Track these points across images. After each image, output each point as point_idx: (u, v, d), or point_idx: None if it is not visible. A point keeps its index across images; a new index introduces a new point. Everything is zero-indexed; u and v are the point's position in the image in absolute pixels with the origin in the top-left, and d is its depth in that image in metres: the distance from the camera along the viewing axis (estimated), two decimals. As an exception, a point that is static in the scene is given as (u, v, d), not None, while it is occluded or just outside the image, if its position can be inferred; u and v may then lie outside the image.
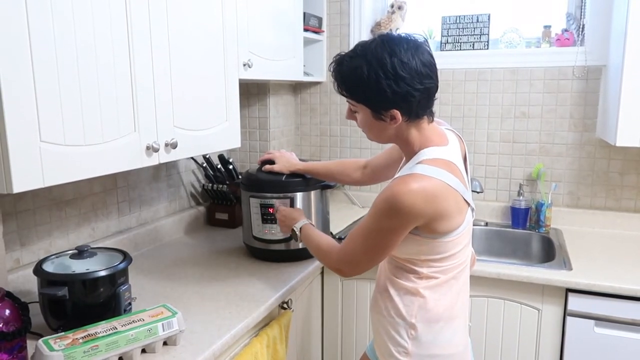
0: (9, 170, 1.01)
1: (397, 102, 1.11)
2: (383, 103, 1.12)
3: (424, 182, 1.08)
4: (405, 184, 1.08)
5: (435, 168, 1.11)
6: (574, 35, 2.18)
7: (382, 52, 1.10)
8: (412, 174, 1.10)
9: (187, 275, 1.65)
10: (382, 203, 1.11)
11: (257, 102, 2.40)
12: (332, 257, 1.28)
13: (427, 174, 1.09)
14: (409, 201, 1.07)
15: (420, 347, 1.20)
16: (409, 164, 1.17)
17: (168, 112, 1.43)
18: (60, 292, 1.18)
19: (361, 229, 1.19)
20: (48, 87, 1.07)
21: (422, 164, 1.12)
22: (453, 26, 2.34)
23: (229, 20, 1.66)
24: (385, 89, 1.09)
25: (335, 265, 1.27)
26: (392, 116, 1.14)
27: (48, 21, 1.06)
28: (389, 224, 1.12)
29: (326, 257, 1.31)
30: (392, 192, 1.09)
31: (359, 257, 1.21)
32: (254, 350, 1.36)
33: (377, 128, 1.19)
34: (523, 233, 2.20)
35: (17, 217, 1.45)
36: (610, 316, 1.62)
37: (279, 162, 1.74)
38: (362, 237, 1.18)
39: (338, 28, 2.51)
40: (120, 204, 1.82)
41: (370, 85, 1.10)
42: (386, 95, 1.10)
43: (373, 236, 1.16)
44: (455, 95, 2.34)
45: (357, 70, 1.11)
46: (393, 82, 1.09)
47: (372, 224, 1.15)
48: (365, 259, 1.20)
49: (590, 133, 2.17)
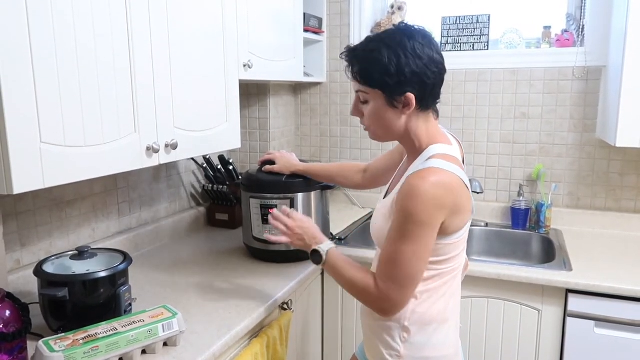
0: (9, 171, 1.01)
1: (414, 83, 1.11)
2: (400, 85, 1.10)
3: (441, 174, 1.08)
4: (424, 178, 1.06)
5: (448, 163, 1.11)
6: (574, 36, 2.18)
7: (401, 36, 1.12)
8: (428, 167, 1.09)
9: (187, 276, 1.66)
10: (407, 202, 1.07)
11: (257, 103, 2.40)
12: (372, 292, 1.14)
13: (443, 168, 1.09)
14: (432, 193, 1.05)
15: (412, 350, 1.19)
16: (417, 160, 1.16)
17: (168, 112, 1.43)
18: (60, 293, 1.18)
19: (393, 245, 1.10)
20: (48, 88, 1.08)
21: (435, 159, 1.11)
22: (453, 27, 2.34)
23: (229, 21, 1.66)
24: (404, 68, 1.09)
25: (377, 304, 1.14)
26: (405, 102, 1.12)
27: (48, 22, 1.07)
28: (421, 220, 1.06)
29: (363, 293, 1.16)
30: (413, 188, 1.06)
31: (401, 281, 1.10)
32: (254, 351, 1.36)
33: (388, 118, 1.15)
34: (523, 234, 2.20)
35: (18, 217, 1.45)
36: (611, 317, 1.62)
37: (279, 162, 1.74)
38: (399, 254, 1.09)
39: (338, 29, 2.52)
40: (120, 204, 1.82)
41: (389, 65, 1.09)
42: (404, 75, 1.10)
43: (410, 247, 1.08)
44: (456, 95, 2.34)
45: (374, 52, 1.11)
46: (412, 61, 1.10)
47: (405, 231, 1.08)
48: (409, 279, 1.11)
49: (590, 134, 2.17)
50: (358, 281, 1.17)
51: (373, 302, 1.15)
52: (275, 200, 1.71)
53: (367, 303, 1.18)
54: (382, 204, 1.23)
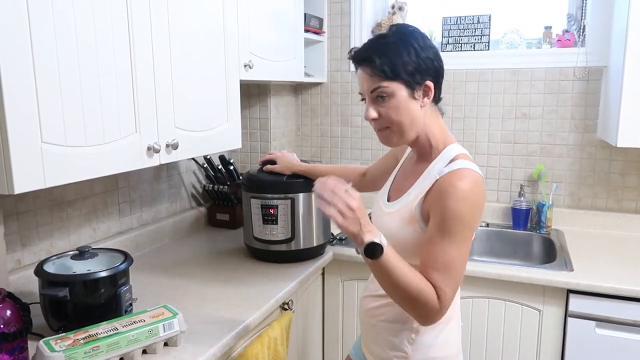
0: (10, 171, 1.01)
1: (431, 71, 1.13)
2: (420, 73, 1.11)
3: (474, 175, 1.09)
4: (464, 179, 1.07)
5: (473, 163, 1.12)
6: (574, 36, 2.18)
7: (412, 29, 1.14)
8: (463, 168, 1.09)
9: (188, 276, 1.65)
10: (453, 204, 1.04)
11: (257, 103, 2.40)
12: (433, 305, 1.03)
13: (472, 168, 1.10)
14: (475, 193, 1.06)
15: (419, 351, 1.19)
16: (438, 161, 1.15)
17: (169, 113, 1.43)
18: (61, 292, 1.18)
19: (446, 250, 1.05)
20: (49, 88, 1.08)
21: (461, 160, 1.12)
22: (454, 27, 2.33)
23: (229, 21, 1.66)
24: (421, 55, 1.11)
25: (432, 314, 1.05)
26: (425, 90, 1.13)
27: (49, 22, 1.07)
28: (469, 222, 1.05)
29: (420, 304, 1.03)
30: (457, 191, 1.05)
31: (455, 287, 1.06)
32: (255, 351, 1.35)
33: (412, 110, 1.13)
34: (524, 234, 2.20)
35: (18, 217, 1.45)
36: (612, 317, 1.62)
37: (280, 162, 1.74)
38: (453, 259, 1.05)
39: (339, 29, 2.52)
40: (121, 204, 1.82)
41: (410, 54, 1.10)
42: (424, 63, 1.11)
43: (461, 249, 1.05)
44: (456, 96, 2.34)
45: (393, 44, 1.11)
46: (426, 50, 1.13)
47: (455, 234, 1.05)
48: (459, 284, 1.08)
49: (591, 134, 2.17)
50: (419, 290, 1.03)
51: (428, 313, 1.04)
52: (276, 201, 1.70)
53: (417, 312, 1.06)
54: (395, 208, 1.19)
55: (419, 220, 1.13)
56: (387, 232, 1.17)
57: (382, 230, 1.18)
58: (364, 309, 1.31)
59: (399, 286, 1.03)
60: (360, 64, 1.15)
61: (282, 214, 1.71)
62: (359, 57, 1.15)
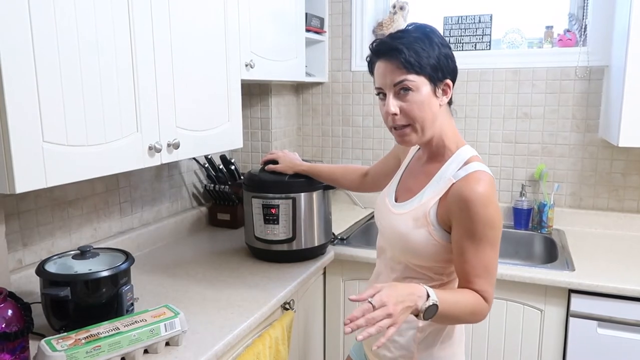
0: (11, 170, 1.01)
1: (450, 70, 1.15)
2: (443, 71, 1.12)
3: (488, 177, 1.10)
4: (485, 184, 1.08)
5: (484, 165, 1.14)
6: (576, 36, 2.18)
7: (431, 27, 1.15)
8: (480, 171, 1.10)
9: (189, 275, 1.65)
10: (484, 210, 1.06)
11: (259, 103, 2.40)
12: (485, 309, 1.11)
13: (486, 170, 1.11)
14: (494, 196, 1.09)
15: (425, 351, 1.19)
16: (451, 162, 1.15)
17: (170, 112, 1.43)
18: (62, 292, 1.18)
19: (481, 254, 1.08)
20: (50, 87, 1.08)
21: (476, 162, 1.13)
22: (455, 26, 2.33)
23: (231, 20, 1.66)
24: (443, 53, 1.12)
25: (489, 311, 1.13)
26: (444, 89, 1.14)
27: (50, 21, 1.07)
28: (497, 224, 1.09)
29: (481, 314, 1.11)
30: (482, 196, 1.06)
31: (494, 286, 1.12)
32: (256, 351, 1.35)
33: (433, 107, 1.13)
34: (525, 234, 2.20)
35: (20, 217, 1.45)
36: (613, 317, 1.61)
37: (282, 162, 1.74)
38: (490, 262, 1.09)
39: (340, 28, 2.51)
40: (122, 204, 1.82)
41: (433, 51, 1.11)
42: (445, 60, 1.13)
43: (495, 250, 1.10)
44: (458, 95, 2.33)
45: (418, 40, 1.10)
46: (447, 49, 1.14)
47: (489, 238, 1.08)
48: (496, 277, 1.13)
49: (592, 133, 2.17)
50: (473, 307, 1.09)
51: (484, 316, 1.12)
52: (277, 200, 1.70)
53: (475, 320, 1.12)
54: (406, 210, 1.18)
55: (434, 223, 1.12)
56: (397, 233, 1.18)
57: (391, 231, 1.20)
58: None
59: (460, 317, 1.08)
60: (385, 55, 1.11)
61: (283, 213, 1.71)
62: (386, 48, 1.11)
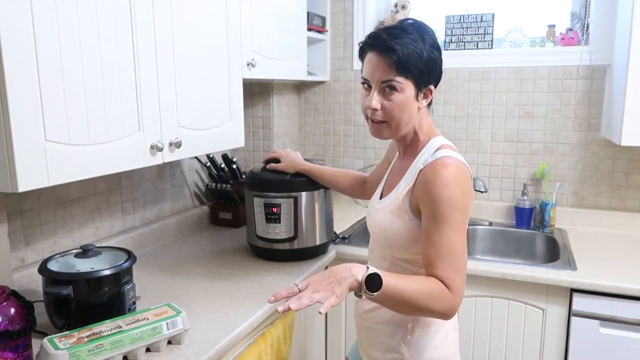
0: (14, 169, 1.01)
1: (436, 76, 1.16)
2: (429, 77, 1.13)
3: (458, 163, 1.10)
4: (449, 165, 1.07)
5: (457, 154, 1.14)
6: (578, 35, 2.17)
7: (427, 29, 1.15)
8: (446, 156, 1.10)
9: (191, 274, 1.66)
10: (442, 190, 1.04)
11: (260, 102, 2.40)
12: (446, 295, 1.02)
13: (456, 157, 1.11)
14: (462, 178, 1.08)
15: (415, 352, 1.19)
16: (424, 153, 1.16)
17: (172, 111, 1.43)
18: (65, 291, 1.18)
19: (442, 237, 1.04)
20: (53, 87, 1.08)
21: (445, 149, 1.13)
22: (457, 25, 2.33)
23: (232, 19, 1.66)
24: (435, 60, 1.13)
25: (451, 305, 1.03)
26: (426, 94, 1.16)
27: (52, 20, 1.07)
28: (461, 205, 1.05)
29: (438, 301, 1.01)
30: (444, 177, 1.05)
31: (462, 271, 1.05)
32: (258, 350, 1.36)
33: (413, 109, 1.14)
34: (527, 233, 2.20)
35: (22, 216, 1.45)
36: (615, 316, 1.61)
37: (284, 161, 1.74)
38: (453, 244, 1.04)
39: (342, 27, 2.51)
40: (124, 203, 1.82)
41: (424, 55, 1.11)
42: (434, 65, 1.13)
43: (457, 233, 1.05)
44: (459, 94, 2.33)
45: (413, 42, 1.10)
46: (438, 53, 1.15)
47: (450, 220, 1.04)
48: (465, 267, 1.07)
49: (594, 133, 2.16)
50: (428, 292, 1.01)
51: (447, 306, 1.02)
52: (279, 199, 1.70)
53: (439, 310, 1.02)
54: (385, 203, 1.22)
55: (408, 212, 1.14)
56: (379, 226, 1.21)
57: (375, 225, 1.24)
58: (359, 312, 1.31)
59: (413, 297, 1.00)
60: (380, 51, 1.11)
61: (285, 212, 1.71)
62: (382, 45, 1.10)
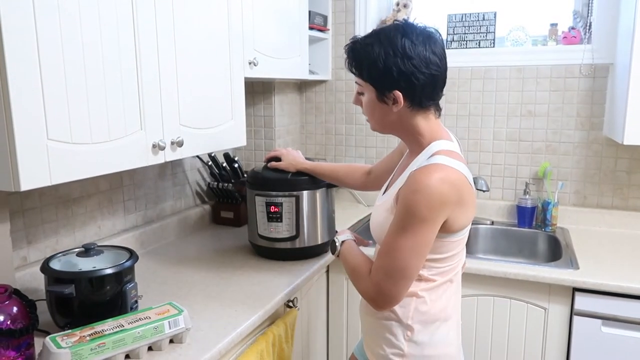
0: (16, 168, 1.01)
1: (401, 82, 1.11)
2: (388, 82, 1.12)
3: (446, 171, 1.08)
4: (429, 174, 1.06)
5: (452, 159, 1.10)
6: (580, 33, 2.17)
7: (395, 33, 1.12)
8: (434, 164, 1.09)
9: (192, 273, 1.66)
10: (410, 196, 1.06)
11: (262, 101, 2.40)
12: (366, 281, 1.15)
13: (447, 164, 1.09)
14: (437, 189, 1.05)
15: (415, 349, 1.19)
16: (421, 156, 1.16)
17: (174, 110, 1.43)
18: (67, 289, 1.18)
19: (391, 238, 1.09)
20: (55, 86, 1.08)
21: (440, 155, 1.11)
22: (459, 24, 2.33)
23: (234, 19, 1.66)
24: (391, 66, 1.10)
25: (370, 294, 1.14)
26: (394, 99, 1.13)
27: (55, 20, 1.07)
28: (423, 216, 1.05)
29: (360, 281, 1.17)
30: (418, 184, 1.06)
31: (395, 274, 1.09)
32: (260, 349, 1.36)
33: (379, 112, 1.17)
34: (529, 232, 2.19)
35: (24, 215, 1.45)
36: (618, 316, 1.61)
37: (286, 159, 1.74)
38: (396, 247, 1.08)
39: (343, 26, 2.51)
40: (126, 202, 1.82)
41: (378, 62, 1.11)
42: (391, 74, 1.10)
43: (409, 241, 1.07)
44: (461, 93, 2.33)
45: (367, 47, 1.13)
46: (400, 60, 1.10)
47: (406, 225, 1.07)
48: (402, 274, 1.09)
49: (597, 131, 2.16)
50: (358, 268, 1.19)
51: (367, 293, 1.15)
52: (281, 198, 1.70)
53: (362, 293, 1.18)
54: (383, 200, 1.23)
55: (394, 211, 1.15)
56: (376, 223, 1.25)
57: (372, 222, 1.28)
58: (363, 306, 1.32)
59: (347, 269, 1.23)
60: (346, 53, 1.20)
61: (286, 211, 1.71)
62: (348, 48, 1.19)
